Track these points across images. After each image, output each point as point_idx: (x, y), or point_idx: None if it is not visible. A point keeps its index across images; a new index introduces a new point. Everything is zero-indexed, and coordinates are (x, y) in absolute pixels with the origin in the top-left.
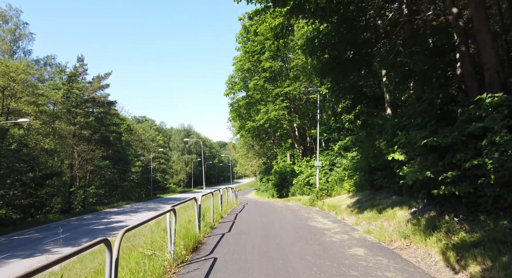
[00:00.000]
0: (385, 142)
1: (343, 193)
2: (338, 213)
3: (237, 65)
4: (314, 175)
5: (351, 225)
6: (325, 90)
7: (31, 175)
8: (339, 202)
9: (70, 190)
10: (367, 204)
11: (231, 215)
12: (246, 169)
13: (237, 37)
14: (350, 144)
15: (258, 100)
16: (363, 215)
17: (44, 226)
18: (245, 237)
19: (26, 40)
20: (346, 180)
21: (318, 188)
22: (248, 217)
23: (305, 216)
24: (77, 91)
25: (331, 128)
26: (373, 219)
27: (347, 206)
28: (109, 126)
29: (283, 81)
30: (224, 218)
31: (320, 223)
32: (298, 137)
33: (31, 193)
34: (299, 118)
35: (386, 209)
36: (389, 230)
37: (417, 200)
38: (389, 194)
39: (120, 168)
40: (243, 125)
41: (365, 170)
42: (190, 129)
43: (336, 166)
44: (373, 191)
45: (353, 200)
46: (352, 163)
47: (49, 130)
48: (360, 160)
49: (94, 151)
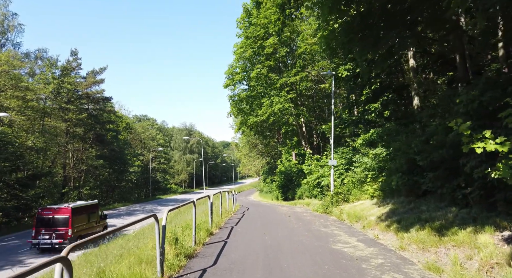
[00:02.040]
0: (468, 125)
1: (364, 198)
2: (367, 227)
3: (237, 52)
4: (326, 176)
5: (394, 250)
6: (345, 72)
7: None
8: (362, 211)
9: (63, 191)
10: (411, 217)
11: (225, 229)
12: (249, 169)
13: (238, 22)
14: (377, 138)
15: (261, 92)
16: (409, 234)
17: (27, 231)
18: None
19: (15, 32)
20: (368, 183)
21: (333, 192)
22: (246, 233)
23: (323, 232)
24: (69, 86)
25: (347, 121)
26: (430, 244)
27: (377, 217)
28: (105, 123)
29: (289, 71)
30: (214, 236)
31: (347, 246)
32: (305, 134)
33: (16, 195)
34: (306, 112)
35: (450, 229)
36: (473, 268)
37: (505, 215)
38: (442, 203)
39: (117, 168)
40: (245, 120)
41: (401, 170)
42: (192, 128)
43: (354, 165)
44: (413, 198)
45: (384, 210)
46: (375, 161)
47: (38, 126)
48: (390, 158)
49: (88, 150)
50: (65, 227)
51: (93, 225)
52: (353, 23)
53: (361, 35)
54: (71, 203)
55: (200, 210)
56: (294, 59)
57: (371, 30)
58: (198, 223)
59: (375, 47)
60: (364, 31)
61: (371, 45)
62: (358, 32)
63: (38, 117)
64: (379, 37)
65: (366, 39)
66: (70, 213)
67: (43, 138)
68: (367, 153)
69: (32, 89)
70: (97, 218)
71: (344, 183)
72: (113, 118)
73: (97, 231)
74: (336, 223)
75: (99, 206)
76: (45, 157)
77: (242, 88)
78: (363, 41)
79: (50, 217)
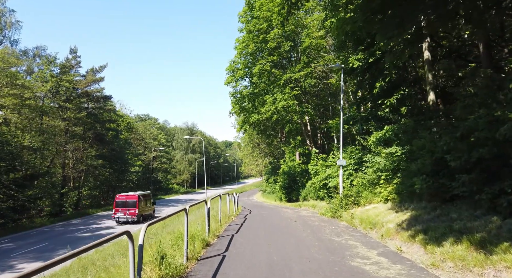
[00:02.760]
0: None
1: (376, 201)
2: (385, 236)
3: (239, 47)
4: (334, 177)
5: (426, 268)
6: (356, 62)
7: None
8: (377, 216)
9: (61, 192)
10: (440, 227)
11: (224, 238)
12: (252, 169)
13: (240, 16)
14: (392, 136)
15: (264, 89)
16: (442, 248)
17: (23, 233)
18: None
19: (12, 29)
20: (381, 185)
21: (342, 194)
22: (248, 244)
23: (336, 242)
24: (67, 84)
25: (356, 118)
26: (472, 262)
27: (396, 225)
28: (105, 123)
29: (293, 67)
30: (211, 247)
31: (368, 262)
32: (310, 133)
33: (12, 196)
34: (311, 109)
35: (497, 244)
36: None
37: None
38: (478, 211)
39: (117, 168)
40: (247, 118)
41: (425, 171)
42: (194, 128)
43: (364, 165)
44: (439, 204)
45: (404, 216)
46: (390, 161)
47: (36, 125)
48: (407, 158)
49: (87, 150)
50: (134, 208)
51: (149, 207)
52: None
53: (381, 16)
54: (138, 192)
55: (198, 216)
56: (298, 55)
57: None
58: (193, 233)
59: (400, 27)
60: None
61: (396, 25)
62: (379, 11)
63: (36, 116)
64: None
65: (390, 19)
66: (137, 198)
67: (40, 137)
68: (379, 152)
69: (29, 87)
70: (150, 203)
71: (353, 185)
72: (114, 117)
73: (151, 213)
74: (349, 230)
75: (151, 195)
76: (43, 157)
77: (244, 84)
78: (386, 21)
79: (124, 201)
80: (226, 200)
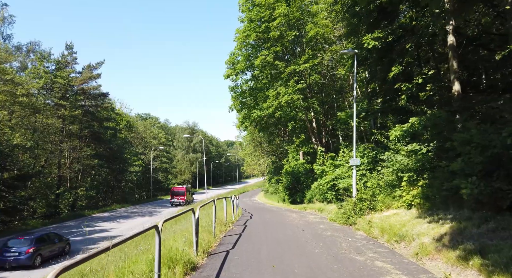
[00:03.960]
0: None
1: (395, 206)
2: (421, 255)
3: (239, 38)
4: (344, 178)
5: None
6: (372, 41)
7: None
8: (403, 226)
9: (57, 192)
10: (504, 246)
11: (216, 257)
12: (254, 168)
13: (240, 4)
14: (420, 129)
15: (266, 84)
16: None
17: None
18: None
19: (5, 23)
20: (403, 188)
21: (356, 198)
22: (246, 267)
23: (360, 264)
24: (61, 80)
25: (369, 111)
26: None
27: (433, 239)
28: (103, 121)
29: (298, 59)
30: (197, 273)
31: None
32: (315, 130)
33: (2, 197)
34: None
35: None
36: None
37: None
38: None
39: (116, 168)
40: (248, 115)
41: (472, 172)
42: (195, 127)
43: (380, 165)
44: (492, 214)
45: (442, 228)
46: (414, 160)
47: (29, 123)
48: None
49: (83, 149)
50: (183, 196)
51: (190, 197)
52: None
53: None
54: (186, 185)
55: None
56: (303, 46)
57: None
58: (175, 252)
59: None
60: None
61: None
62: None
63: (28, 113)
64: None
65: None
66: (185, 189)
67: (32, 135)
68: (398, 150)
69: (19, 82)
70: (191, 194)
71: (367, 187)
72: (112, 116)
73: (191, 200)
74: (370, 244)
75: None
76: (36, 156)
77: (245, 78)
78: None
79: (177, 191)
80: (223, 205)
